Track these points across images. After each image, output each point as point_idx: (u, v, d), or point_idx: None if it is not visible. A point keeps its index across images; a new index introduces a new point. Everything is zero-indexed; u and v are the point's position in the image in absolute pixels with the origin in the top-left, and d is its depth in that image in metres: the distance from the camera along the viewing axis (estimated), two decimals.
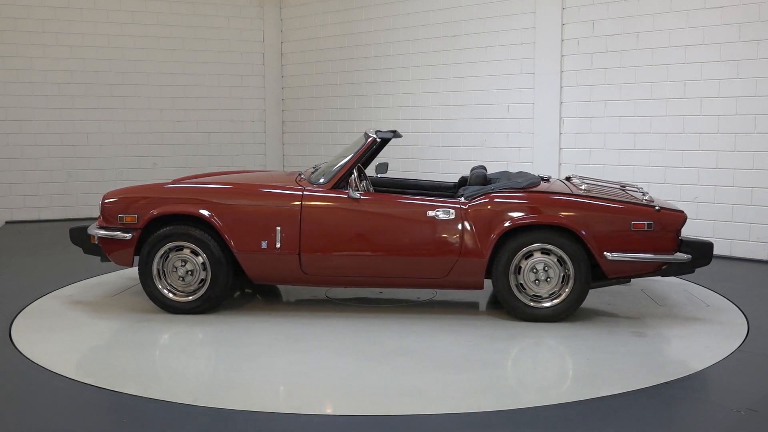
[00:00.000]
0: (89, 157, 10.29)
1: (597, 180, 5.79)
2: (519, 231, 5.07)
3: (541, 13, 8.37)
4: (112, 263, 5.56)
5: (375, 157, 5.97)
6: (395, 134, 5.66)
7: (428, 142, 9.45)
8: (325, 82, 10.80)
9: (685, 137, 7.50)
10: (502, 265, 5.06)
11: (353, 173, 5.30)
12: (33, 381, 4.06)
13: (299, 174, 5.82)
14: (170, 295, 5.30)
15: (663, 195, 7.60)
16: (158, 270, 5.28)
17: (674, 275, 5.31)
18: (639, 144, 7.81)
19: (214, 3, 10.87)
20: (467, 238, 5.07)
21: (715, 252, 7.22)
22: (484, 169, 5.93)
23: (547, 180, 5.74)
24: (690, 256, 5.04)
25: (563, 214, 5.04)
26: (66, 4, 10.00)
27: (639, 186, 5.59)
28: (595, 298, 5.63)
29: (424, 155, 9.46)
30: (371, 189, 5.55)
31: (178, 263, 5.26)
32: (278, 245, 5.12)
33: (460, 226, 5.09)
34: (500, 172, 6.05)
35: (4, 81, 9.79)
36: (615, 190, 5.55)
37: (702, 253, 5.10)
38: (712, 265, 5.42)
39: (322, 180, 5.33)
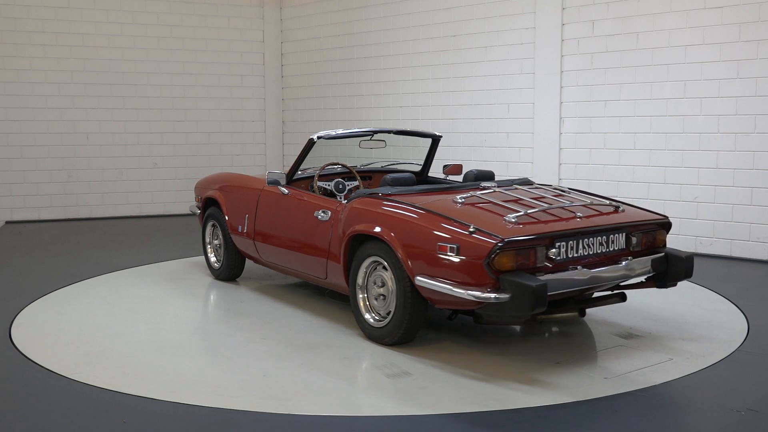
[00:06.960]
0: (89, 157, 10.29)
1: (574, 191, 5.04)
2: (367, 240, 4.63)
3: (541, 13, 8.37)
4: None
5: (432, 158, 6.62)
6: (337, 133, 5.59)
7: (428, 142, 9.42)
8: (325, 82, 10.80)
9: (685, 137, 7.49)
10: (351, 275, 4.75)
11: (316, 173, 5.70)
12: (33, 381, 4.06)
13: None
14: (213, 261, 6.55)
15: (663, 195, 7.62)
16: (208, 241, 6.57)
17: (496, 317, 4.16)
18: (639, 144, 7.80)
19: (214, 3, 10.86)
20: (333, 242, 4.94)
21: (715, 252, 7.33)
22: (475, 170, 5.46)
23: (485, 189, 4.82)
24: (507, 296, 3.81)
25: (377, 225, 4.49)
26: (66, 4, 10.00)
27: (619, 202, 4.80)
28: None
29: None
30: (347, 188, 5.72)
31: (214, 237, 6.54)
32: (245, 230, 5.94)
33: (331, 229, 4.98)
34: (522, 178, 5.44)
35: (4, 81, 9.79)
36: (538, 203, 4.51)
37: (520, 294, 3.76)
38: (712, 265, 5.35)
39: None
